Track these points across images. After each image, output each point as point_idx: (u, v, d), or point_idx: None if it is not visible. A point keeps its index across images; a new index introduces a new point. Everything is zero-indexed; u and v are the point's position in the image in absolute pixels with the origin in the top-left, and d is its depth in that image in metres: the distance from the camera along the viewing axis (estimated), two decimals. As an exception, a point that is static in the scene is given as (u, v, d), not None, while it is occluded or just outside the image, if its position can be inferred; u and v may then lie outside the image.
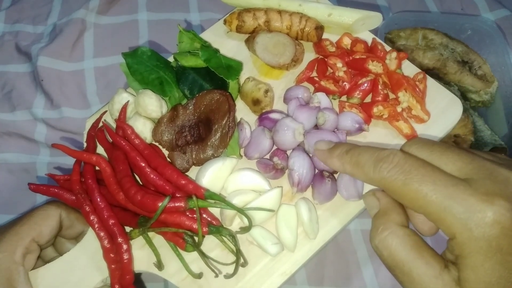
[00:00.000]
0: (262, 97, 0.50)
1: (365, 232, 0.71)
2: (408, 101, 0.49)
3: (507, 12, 0.98)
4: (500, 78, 0.76)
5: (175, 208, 0.44)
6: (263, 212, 0.45)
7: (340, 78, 0.51)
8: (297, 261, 0.46)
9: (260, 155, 0.48)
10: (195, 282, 0.45)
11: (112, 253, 0.45)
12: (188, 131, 0.49)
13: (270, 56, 0.53)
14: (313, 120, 0.48)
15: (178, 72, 0.53)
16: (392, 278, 0.68)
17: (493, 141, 0.70)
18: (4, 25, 0.98)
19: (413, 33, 0.80)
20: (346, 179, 0.46)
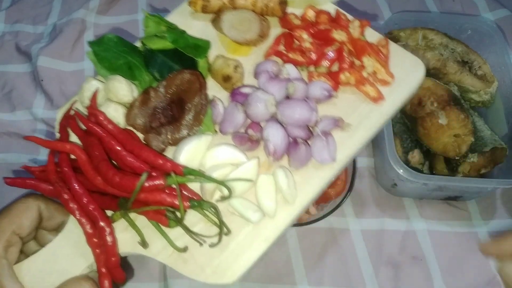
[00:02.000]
0: (232, 73, 0.52)
1: (365, 232, 0.71)
2: (373, 66, 0.52)
3: (507, 12, 0.99)
4: (500, 78, 0.76)
5: (155, 186, 0.44)
6: (242, 183, 0.46)
7: (307, 49, 0.54)
8: (278, 226, 0.47)
9: (235, 129, 0.50)
10: (181, 257, 0.46)
11: (95, 238, 0.45)
12: (161, 113, 0.50)
13: (237, 33, 0.54)
14: (283, 91, 0.50)
15: (146, 56, 0.53)
16: (392, 278, 0.68)
17: (493, 141, 0.70)
18: (4, 25, 0.97)
19: (413, 33, 0.80)
20: (319, 144, 0.48)
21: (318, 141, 0.48)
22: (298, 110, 0.49)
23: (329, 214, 0.65)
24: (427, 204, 0.74)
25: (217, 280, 0.45)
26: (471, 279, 0.68)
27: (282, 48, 0.55)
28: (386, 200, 0.75)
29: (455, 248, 0.70)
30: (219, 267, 0.45)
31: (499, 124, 0.75)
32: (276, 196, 0.47)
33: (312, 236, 0.71)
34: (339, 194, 0.68)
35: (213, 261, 0.45)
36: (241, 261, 0.45)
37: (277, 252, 0.69)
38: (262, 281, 0.67)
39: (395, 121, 0.75)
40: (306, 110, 0.49)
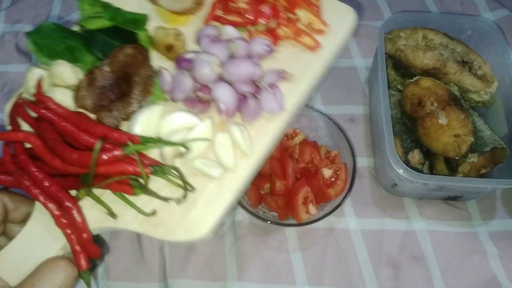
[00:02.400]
0: (173, 41, 0.53)
1: (365, 232, 0.71)
2: (307, 17, 0.55)
3: (507, 12, 0.99)
4: (500, 78, 0.76)
5: (114, 157, 0.45)
6: (200, 144, 0.48)
7: (243, 10, 0.56)
8: (240, 178, 0.49)
9: (185, 95, 0.51)
10: (152, 222, 0.47)
11: (63, 219, 0.45)
12: (109, 90, 0.50)
13: (173, 3, 0.55)
14: (226, 51, 0.52)
15: (86, 37, 0.53)
16: (392, 278, 0.68)
17: (493, 141, 0.70)
18: (4, 25, 0.97)
19: (413, 33, 0.80)
20: (266, 96, 0.51)
21: (265, 93, 0.51)
22: (243, 67, 0.51)
23: (329, 214, 0.65)
24: (427, 204, 0.74)
25: (189, 236, 0.46)
26: (471, 279, 0.68)
27: (220, 12, 0.57)
28: (386, 200, 0.75)
29: (455, 248, 0.70)
30: (190, 224, 0.47)
31: (499, 124, 0.75)
32: (234, 151, 0.49)
33: (312, 236, 0.71)
34: (339, 194, 0.68)
35: (183, 221, 0.47)
36: (210, 215, 0.47)
37: (277, 252, 0.69)
38: (262, 281, 0.67)
39: (395, 121, 0.75)
40: (250, 66, 0.51)
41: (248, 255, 0.69)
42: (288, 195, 0.69)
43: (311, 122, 0.77)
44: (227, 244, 0.70)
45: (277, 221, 0.68)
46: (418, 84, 0.73)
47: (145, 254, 0.68)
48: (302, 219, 0.66)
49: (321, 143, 0.76)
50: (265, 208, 0.71)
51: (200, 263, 0.68)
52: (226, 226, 0.71)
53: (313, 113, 0.76)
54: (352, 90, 0.87)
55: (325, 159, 0.73)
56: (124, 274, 0.67)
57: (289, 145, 0.75)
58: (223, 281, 0.67)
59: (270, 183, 0.71)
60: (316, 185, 0.68)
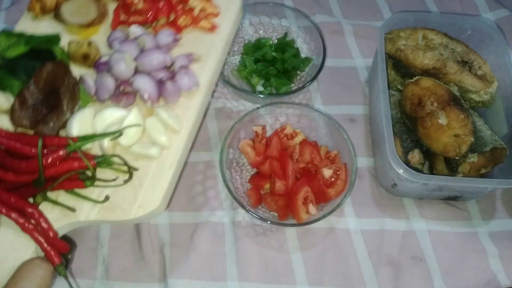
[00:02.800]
0: (88, 50, 0.59)
1: (365, 232, 0.71)
2: (200, 5, 0.63)
3: (507, 12, 0.99)
4: (500, 78, 0.76)
5: (59, 157, 0.50)
6: (134, 130, 0.54)
7: (143, 10, 0.63)
8: (177, 152, 0.56)
9: (110, 94, 0.57)
10: (108, 208, 0.53)
11: (27, 224, 0.49)
12: (41, 106, 0.54)
13: (79, 18, 0.61)
14: (136, 47, 0.59)
15: (8, 66, 0.57)
16: (392, 278, 0.68)
17: (493, 141, 0.70)
18: (4, 25, 0.97)
19: (413, 33, 0.80)
20: (181, 77, 0.58)
21: (179, 75, 0.58)
22: (154, 57, 0.58)
23: (329, 214, 0.65)
24: (427, 204, 0.74)
25: (144, 211, 0.52)
26: (471, 279, 0.68)
27: (123, 16, 0.64)
28: (386, 200, 0.75)
29: (455, 248, 0.70)
30: (142, 201, 0.53)
31: (499, 124, 0.75)
32: (166, 131, 0.56)
33: (312, 236, 0.71)
34: (339, 194, 0.68)
35: (136, 200, 0.53)
36: (158, 189, 0.53)
37: (277, 252, 0.69)
38: (262, 281, 0.67)
39: (395, 121, 0.75)
40: (160, 55, 0.58)
41: (248, 255, 0.69)
42: (288, 195, 0.69)
43: (311, 122, 0.77)
44: (227, 244, 0.70)
45: (277, 221, 0.68)
46: (418, 84, 0.73)
47: (145, 254, 0.68)
48: (302, 219, 0.66)
49: (321, 143, 0.76)
50: (265, 208, 0.71)
51: (200, 263, 0.68)
52: (226, 226, 0.71)
53: (313, 113, 0.76)
54: (352, 90, 0.87)
55: (325, 159, 0.73)
56: (124, 274, 0.67)
57: (289, 145, 0.75)
58: (223, 281, 0.67)
59: (270, 183, 0.71)
60: (316, 185, 0.69)
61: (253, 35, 0.91)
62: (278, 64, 0.84)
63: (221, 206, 0.73)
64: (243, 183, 0.74)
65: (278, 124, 0.78)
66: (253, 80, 0.85)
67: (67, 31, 0.62)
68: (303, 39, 0.88)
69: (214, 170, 0.77)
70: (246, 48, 0.87)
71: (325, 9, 1.00)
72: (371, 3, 1.02)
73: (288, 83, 0.84)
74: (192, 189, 0.75)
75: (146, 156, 0.55)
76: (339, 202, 0.66)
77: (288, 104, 0.78)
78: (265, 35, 0.91)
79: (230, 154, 0.73)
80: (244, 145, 0.74)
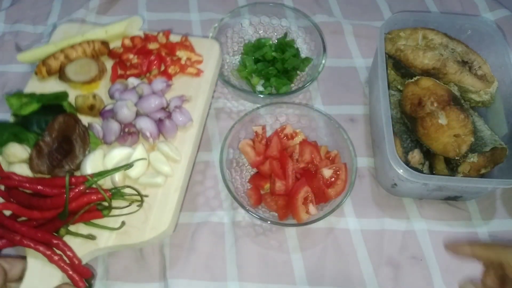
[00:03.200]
0: (93, 101, 0.67)
1: (365, 232, 0.71)
2: (185, 55, 0.73)
3: (507, 12, 0.99)
4: (500, 78, 0.76)
5: (79, 192, 0.57)
6: (140, 164, 0.62)
7: (137, 64, 0.72)
8: (179, 178, 0.64)
9: (116, 137, 0.65)
10: (124, 233, 0.59)
11: (54, 255, 0.54)
12: (56, 152, 0.62)
13: (82, 76, 0.69)
14: (135, 95, 0.67)
15: (23, 122, 0.65)
16: (392, 278, 0.68)
17: (493, 141, 0.70)
18: (4, 25, 0.97)
19: (413, 33, 0.80)
20: (176, 115, 0.66)
21: (175, 113, 0.66)
22: (152, 100, 0.66)
23: (329, 214, 0.65)
24: (427, 204, 0.74)
25: (157, 232, 0.60)
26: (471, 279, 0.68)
27: (121, 71, 0.72)
28: (386, 200, 0.75)
29: (455, 248, 0.70)
30: (154, 223, 0.60)
31: (499, 124, 0.75)
32: (168, 161, 0.64)
33: (312, 236, 0.71)
34: (339, 194, 0.68)
35: (148, 223, 0.60)
36: (167, 212, 0.61)
37: (277, 252, 0.69)
38: (262, 281, 0.67)
39: (395, 121, 0.75)
40: (157, 98, 0.67)
41: (248, 255, 0.69)
42: (288, 195, 0.69)
43: (311, 122, 0.77)
44: (227, 244, 0.70)
45: (277, 221, 0.68)
46: (418, 84, 0.73)
47: (145, 254, 0.68)
48: (302, 219, 0.66)
49: (321, 143, 0.76)
50: (265, 208, 0.71)
51: (200, 263, 0.68)
52: (226, 226, 0.71)
53: (313, 113, 0.76)
54: (352, 90, 0.87)
55: (325, 159, 0.73)
56: (124, 274, 0.67)
57: (289, 145, 0.75)
58: (223, 281, 0.67)
59: (270, 183, 0.71)
60: (316, 185, 0.69)
61: (253, 35, 0.91)
62: (278, 64, 0.84)
63: (221, 206, 0.73)
64: (243, 183, 0.74)
65: (278, 124, 0.78)
66: (253, 80, 0.85)
67: (71, 88, 0.70)
68: (303, 39, 0.88)
69: (214, 170, 0.77)
70: (246, 48, 0.87)
71: (325, 9, 1.00)
72: (371, 3, 1.02)
73: (288, 83, 0.84)
74: (192, 189, 0.75)
75: (153, 185, 0.62)
76: (339, 202, 0.66)
77: (288, 104, 0.78)
78: (265, 35, 0.91)
79: (230, 154, 0.73)
80: (244, 145, 0.74)
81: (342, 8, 1.00)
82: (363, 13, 0.99)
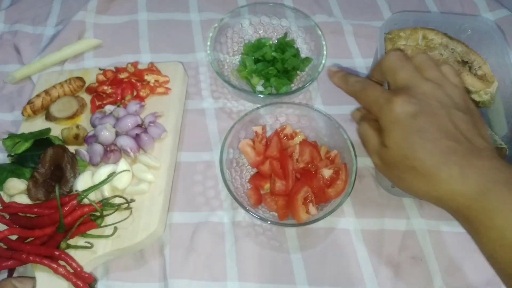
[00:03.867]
0: (77, 130, 0.75)
1: (365, 232, 0.71)
2: (153, 78, 0.81)
3: (507, 12, 0.99)
4: (500, 78, 0.76)
5: (73, 206, 0.64)
6: (125, 176, 0.69)
7: (112, 93, 0.81)
8: (161, 182, 0.70)
9: (101, 156, 0.72)
10: (118, 238, 0.65)
11: (59, 267, 0.61)
12: (50, 180, 0.70)
13: (65, 112, 0.78)
14: (113, 118, 0.75)
15: (18, 160, 0.74)
16: (392, 278, 0.68)
17: (493, 141, 0.70)
18: (4, 25, 0.98)
19: (413, 33, 0.80)
20: (151, 129, 0.74)
21: (150, 127, 0.74)
22: (128, 120, 0.74)
23: (329, 214, 0.65)
24: (427, 204, 0.74)
25: (148, 232, 0.66)
26: (471, 279, 0.68)
27: (98, 102, 0.81)
28: (386, 200, 0.75)
29: (455, 247, 0.70)
30: (144, 225, 0.66)
31: (499, 124, 0.75)
32: (149, 170, 0.71)
33: (312, 236, 0.71)
34: (339, 194, 0.68)
35: (138, 225, 0.66)
36: (154, 213, 0.68)
37: (277, 252, 0.69)
38: (262, 281, 0.67)
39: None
40: (132, 117, 0.75)
41: (248, 255, 0.69)
42: (288, 195, 0.69)
43: (311, 122, 0.77)
44: (227, 244, 0.70)
45: (277, 221, 0.68)
46: (418, 84, 0.73)
47: (145, 254, 0.68)
48: (302, 219, 0.66)
49: (321, 143, 0.76)
50: (265, 208, 0.71)
51: (200, 263, 0.68)
52: (226, 226, 0.71)
53: (313, 113, 0.76)
54: (352, 90, 0.87)
55: (325, 159, 0.73)
56: (124, 274, 0.67)
57: (289, 145, 0.75)
58: (223, 281, 0.67)
59: (270, 183, 0.71)
60: (316, 185, 0.69)
61: (253, 35, 0.91)
62: (278, 64, 0.84)
63: (221, 206, 0.73)
64: (243, 183, 0.74)
65: (278, 124, 0.78)
66: (253, 80, 0.85)
67: (57, 124, 0.79)
68: (303, 39, 0.88)
69: (214, 170, 0.77)
70: (246, 48, 0.87)
71: (325, 9, 1.00)
72: (371, 3, 1.02)
73: (288, 83, 0.84)
74: (192, 189, 0.75)
75: (139, 192, 0.69)
76: (339, 202, 0.66)
77: (288, 104, 0.78)
78: (265, 35, 0.91)
79: (230, 154, 0.73)
80: (244, 145, 0.74)
81: (342, 8, 1.01)
82: (363, 13, 0.99)
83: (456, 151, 0.48)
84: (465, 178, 0.47)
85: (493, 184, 0.46)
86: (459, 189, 0.47)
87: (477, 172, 0.47)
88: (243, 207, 0.66)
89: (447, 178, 0.47)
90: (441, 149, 0.48)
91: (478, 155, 0.48)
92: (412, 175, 0.50)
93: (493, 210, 0.45)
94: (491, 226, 0.45)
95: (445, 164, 0.47)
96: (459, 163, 0.47)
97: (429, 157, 0.48)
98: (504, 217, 0.44)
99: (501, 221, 0.44)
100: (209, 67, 0.90)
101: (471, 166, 0.47)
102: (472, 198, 0.46)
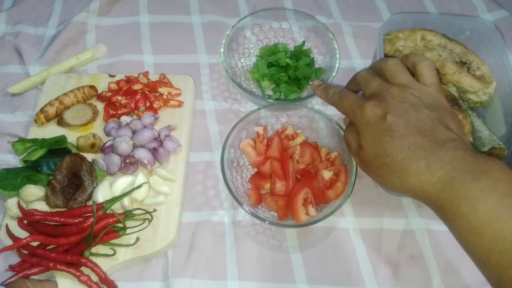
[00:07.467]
0: (93, 140, 0.76)
1: (364, 232, 0.72)
2: (166, 90, 0.82)
3: (506, 13, 0.99)
4: (498, 79, 0.77)
5: (99, 216, 0.67)
6: (144, 189, 0.71)
7: (126, 103, 0.81)
8: (177, 194, 0.73)
9: (118, 167, 0.74)
10: (139, 247, 0.68)
11: (82, 276, 0.63)
12: (68, 187, 0.71)
13: (79, 120, 0.79)
14: (130, 130, 0.76)
15: (34, 166, 0.73)
16: (390, 277, 0.69)
17: (491, 141, 0.71)
18: (6, 26, 0.98)
19: (411, 34, 0.80)
20: (167, 143, 0.75)
21: (165, 141, 0.76)
22: (145, 133, 0.75)
23: (328, 216, 0.65)
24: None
25: (166, 242, 0.68)
26: (469, 278, 0.68)
27: (112, 111, 0.81)
28: (385, 200, 0.75)
29: (453, 247, 0.70)
30: (162, 235, 0.69)
31: (498, 125, 0.75)
32: (165, 182, 0.73)
33: (311, 236, 0.71)
34: (338, 196, 0.69)
35: (157, 235, 0.69)
36: (172, 223, 0.70)
37: (277, 252, 0.70)
38: (262, 280, 0.67)
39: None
40: (149, 131, 0.76)
41: (248, 255, 0.69)
42: (288, 196, 0.69)
43: (312, 123, 0.78)
44: (227, 244, 0.70)
45: (277, 221, 0.68)
46: (417, 85, 0.73)
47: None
48: (302, 220, 0.66)
49: (322, 144, 0.77)
50: (265, 208, 0.72)
51: (201, 263, 0.68)
52: (226, 226, 0.72)
53: (314, 114, 0.76)
54: (352, 91, 0.88)
55: (326, 161, 0.73)
56: (126, 273, 0.67)
57: (289, 145, 0.75)
58: (223, 280, 0.67)
59: (270, 183, 0.72)
60: (316, 186, 0.69)
61: (271, 40, 0.91)
62: (290, 71, 0.84)
63: (222, 205, 0.74)
64: (244, 182, 0.75)
65: (279, 125, 0.79)
66: (264, 84, 0.85)
67: (69, 131, 0.79)
68: (319, 50, 0.88)
69: (215, 170, 0.77)
70: (263, 51, 0.88)
71: (324, 11, 1.00)
72: (370, 5, 1.02)
73: (297, 91, 0.83)
74: (193, 189, 0.76)
75: (157, 204, 0.71)
76: (339, 204, 0.66)
77: (290, 105, 0.78)
78: (283, 41, 0.90)
79: (231, 154, 0.74)
80: (245, 145, 0.74)
81: (341, 9, 1.01)
82: (362, 14, 1.00)
83: (422, 145, 0.51)
84: (431, 169, 0.50)
85: (457, 173, 0.48)
86: (427, 180, 0.50)
87: (442, 163, 0.50)
88: (243, 207, 0.67)
89: (415, 171, 0.51)
90: (409, 145, 0.52)
91: (442, 147, 0.51)
92: (386, 171, 0.54)
93: (458, 198, 0.48)
94: (458, 213, 0.48)
95: (412, 158, 0.51)
96: (425, 156, 0.51)
97: (397, 153, 0.52)
98: (468, 204, 0.47)
99: (466, 208, 0.47)
100: (211, 68, 0.90)
101: (436, 158, 0.50)
102: (439, 188, 0.49)
